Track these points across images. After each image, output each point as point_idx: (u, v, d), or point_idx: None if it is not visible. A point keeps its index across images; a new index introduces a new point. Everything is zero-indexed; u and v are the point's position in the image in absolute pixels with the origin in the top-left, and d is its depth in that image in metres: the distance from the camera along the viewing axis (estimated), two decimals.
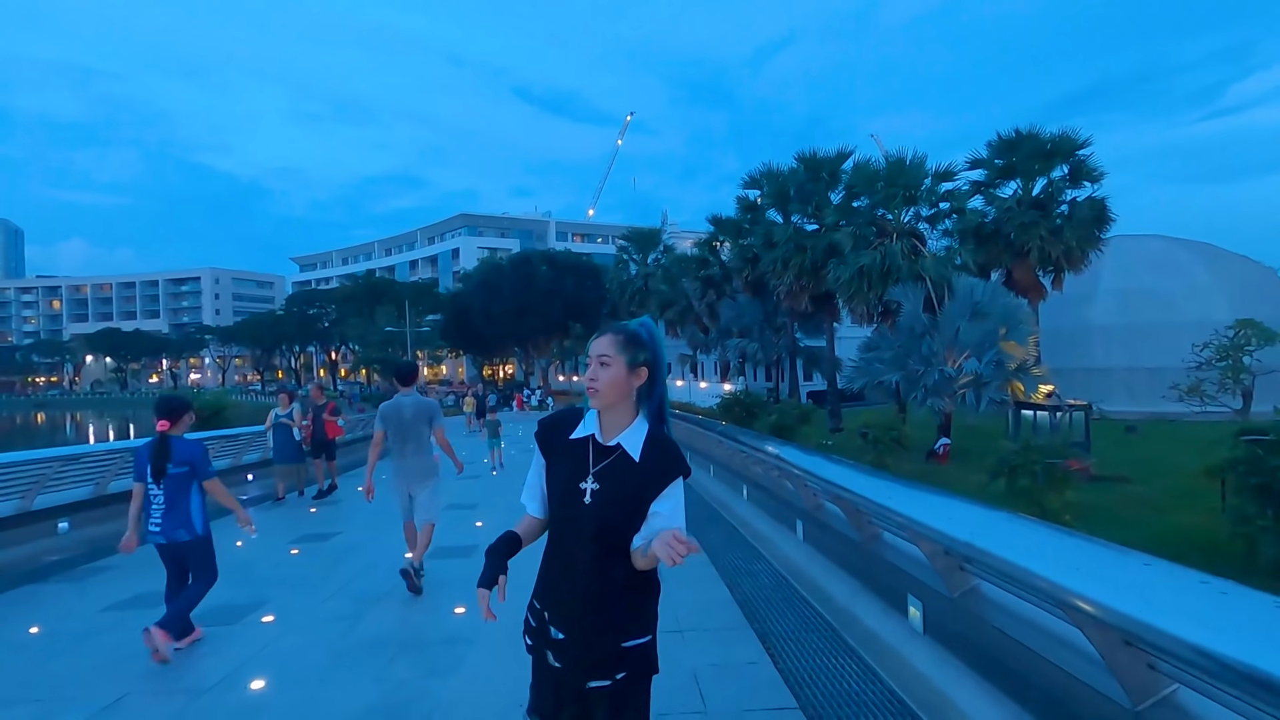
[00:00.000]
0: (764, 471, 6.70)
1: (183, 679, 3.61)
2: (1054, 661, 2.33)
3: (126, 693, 3.44)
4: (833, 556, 4.77)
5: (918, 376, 17.87)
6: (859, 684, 3.35)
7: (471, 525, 7.60)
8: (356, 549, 6.64)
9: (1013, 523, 2.75)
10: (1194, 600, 1.81)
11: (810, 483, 4.84)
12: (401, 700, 3.29)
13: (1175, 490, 11.65)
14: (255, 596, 5.04)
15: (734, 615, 4.43)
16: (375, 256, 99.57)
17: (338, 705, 3.25)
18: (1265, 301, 25.78)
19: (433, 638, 4.13)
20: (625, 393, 1.72)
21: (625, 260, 47.14)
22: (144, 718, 3.19)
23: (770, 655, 3.75)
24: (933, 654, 3.22)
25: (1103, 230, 23.61)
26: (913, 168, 22.26)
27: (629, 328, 1.77)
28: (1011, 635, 2.60)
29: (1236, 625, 1.65)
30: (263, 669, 3.71)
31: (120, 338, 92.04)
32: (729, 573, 5.39)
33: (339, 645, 4.05)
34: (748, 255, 25.74)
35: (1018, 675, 2.59)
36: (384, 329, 58.20)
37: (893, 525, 3.55)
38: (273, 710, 3.23)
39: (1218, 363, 16.13)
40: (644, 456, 1.70)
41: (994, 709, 2.65)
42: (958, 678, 2.97)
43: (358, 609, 4.72)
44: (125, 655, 3.95)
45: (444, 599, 4.87)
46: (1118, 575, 2.03)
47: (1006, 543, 2.38)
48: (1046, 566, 2.10)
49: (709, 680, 3.42)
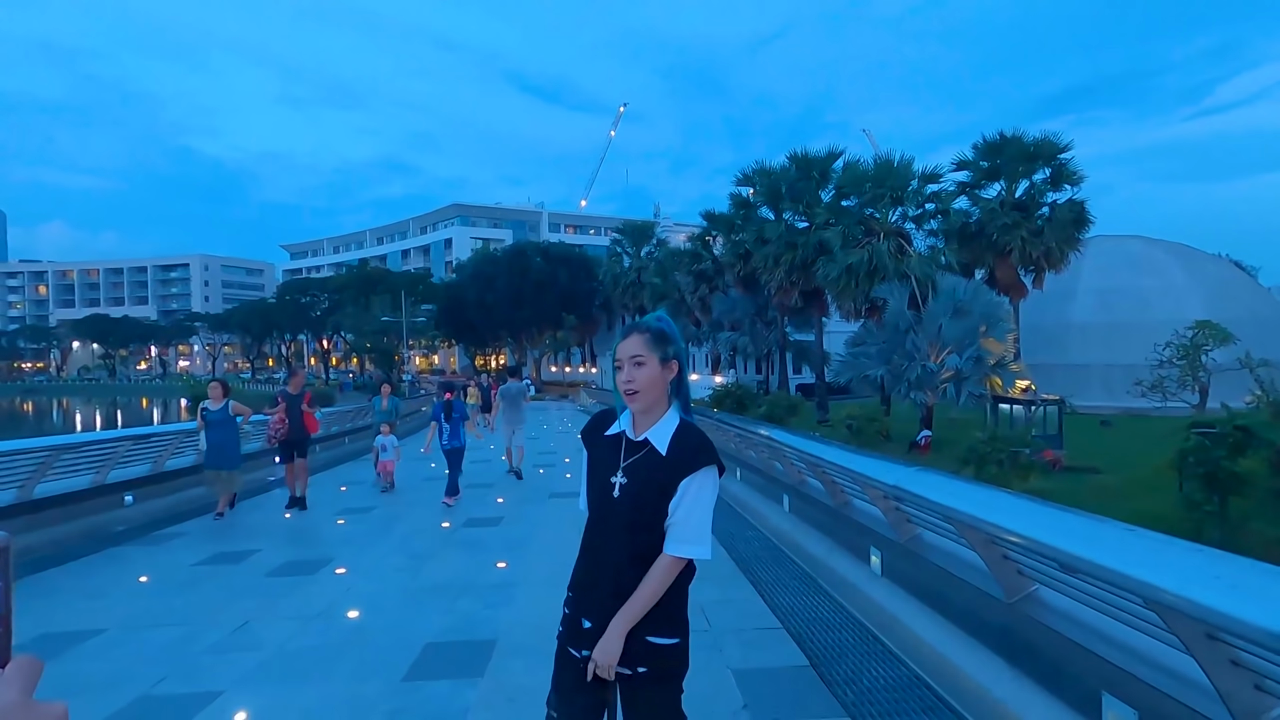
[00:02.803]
0: (756, 454, 7.61)
1: (290, 609, 4.48)
2: (963, 579, 3.24)
3: (249, 619, 4.30)
4: (813, 523, 5.69)
5: (902, 371, 18.88)
6: (830, 614, 4.27)
7: (494, 501, 8.48)
8: (397, 519, 7.51)
9: (936, 477, 3.66)
10: (1050, 520, 2.70)
11: (795, 459, 5.76)
12: (471, 623, 4.18)
13: (1140, 480, 12.65)
14: (322, 555, 5.91)
15: (731, 568, 5.35)
16: (367, 245, 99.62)
17: (421, 626, 4.13)
18: (1236, 301, 27.01)
19: (484, 583, 5.02)
20: (662, 389, 1.74)
21: (619, 253, 47.90)
22: (271, 635, 4.05)
23: (760, 595, 4.67)
24: (888, 590, 4.14)
25: (1082, 231, 24.71)
26: (900, 169, 23.22)
27: (655, 325, 1.78)
28: (940, 566, 3.51)
29: (1070, 532, 2.54)
30: (352, 603, 4.59)
31: (108, 324, 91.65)
32: (725, 538, 6.30)
33: (408, 588, 4.94)
34: (740, 251, 26.60)
35: (942, 595, 3.51)
36: (379, 318, 58.61)
37: (855, 486, 4.46)
38: (373, 629, 4.12)
39: (1178, 361, 17.20)
40: (670, 449, 1.71)
41: (926, 620, 3.58)
42: (904, 604, 3.89)
43: (415, 563, 5.60)
44: (235, 594, 4.82)
45: (486, 557, 5.76)
46: (999, 503, 2.93)
47: (926, 487, 3.30)
48: (948, 498, 3.02)
49: (712, 610, 4.34)
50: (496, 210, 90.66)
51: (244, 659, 3.71)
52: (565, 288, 51.72)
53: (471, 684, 3.35)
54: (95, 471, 7.34)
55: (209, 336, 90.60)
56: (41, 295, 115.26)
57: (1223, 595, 1.58)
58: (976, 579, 3.15)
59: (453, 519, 7.37)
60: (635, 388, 1.71)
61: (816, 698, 3.19)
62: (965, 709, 2.98)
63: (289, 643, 3.94)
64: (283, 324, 75.50)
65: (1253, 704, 1.80)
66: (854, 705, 3.09)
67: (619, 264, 47.40)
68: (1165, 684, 2.08)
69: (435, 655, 3.72)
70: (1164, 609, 1.79)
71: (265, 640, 3.97)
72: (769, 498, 7.10)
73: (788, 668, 3.53)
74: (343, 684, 3.38)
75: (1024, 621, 2.82)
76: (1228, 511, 10.71)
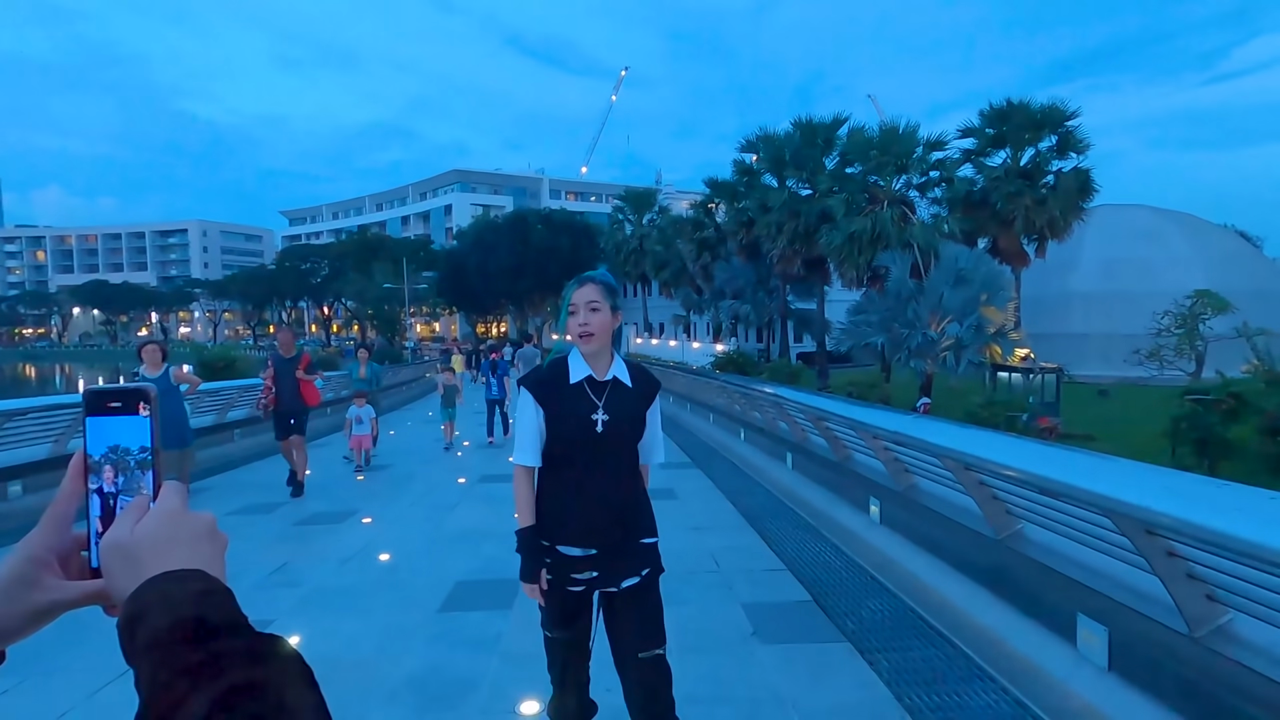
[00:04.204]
0: (761, 415, 7.87)
1: (325, 553, 4.79)
2: (956, 521, 3.51)
3: (287, 561, 4.60)
4: (815, 478, 5.97)
5: (902, 339, 19.09)
6: (831, 558, 4.57)
7: (505, 461, 8.78)
8: (413, 476, 7.82)
9: (933, 423, 3.93)
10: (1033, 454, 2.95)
11: (799, 415, 6.02)
12: (497, 565, 4.47)
13: (1135, 446, 12.95)
14: (346, 507, 6.21)
15: (738, 520, 5.65)
16: (366, 211, 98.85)
17: (451, 567, 4.43)
18: (1239, 272, 27.06)
19: (505, 531, 5.26)
20: (610, 333, 1.99)
21: (620, 221, 47.56)
22: (309, 574, 4.35)
23: (767, 542, 4.96)
24: (886, 536, 4.43)
25: (1086, 201, 24.62)
26: (905, 136, 23.05)
27: (608, 278, 2.02)
28: (935, 511, 3.78)
29: (1049, 460, 2.78)
30: (383, 548, 4.89)
31: (108, 290, 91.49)
32: (732, 494, 6.60)
33: (434, 535, 5.24)
34: (743, 219, 26.56)
35: (936, 538, 3.79)
36: (381, 285, 58.61)
37: (857, 438, 4.72)
38: (405, 570, 4.42)
39: (1176, 330, 17.40)
40: (635, 383, 2.01)
41: (921, 560, 3.86)
42: (901, 547, 4.17)
43: (437, 514, 5.90)
44: (270, 539, 5.13)
45: (504, 509, 6.04)
46: (989, 442, 3.18)
47: (924, 431, 3.56)
48: (943, 439, 3.28)
49: (722, 556, 4.63)
50: (497, 176, 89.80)
51: (288, 594, 4.01)
52: (567, 255, 51.54)
53: (502, 615, 3.64)
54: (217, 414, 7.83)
55: (209, 303, 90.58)
56: (40, 261, 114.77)
57: (1158, 498, 1.83)
58: (969, 520, 3.41)
59: (468, 475, 7.68)
60: (591, 330, 1.93)
61: (819, 625, 3.49)
62: (955, 635, 3.27)
63: (327, 581, 4.24)
64: (283, 290, 75.39)
65: (1204, 611, 2.06)
66: (854, 633, 3.38)
67: (621, 231, 47.13)
68: (1132, 602, 2.35)
69: (466, 591, 4.01)
70: (1117, 516, 2.05)
71: (305, 579, 4.27)
72: (773, 456, 7.38)
73: (793, 602, 3.82)
74: (383, 615, 3.68)
75: (1010, 556, 3.09)
76: (1218, 476, 11.02)
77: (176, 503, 0.52)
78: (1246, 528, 1.64)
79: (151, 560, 0.47)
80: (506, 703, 2.75)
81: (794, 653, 3.18)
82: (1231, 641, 1.99)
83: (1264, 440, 11.31)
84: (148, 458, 0.54)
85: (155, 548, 0.48)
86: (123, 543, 0.49)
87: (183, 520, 0.51)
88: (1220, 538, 1.71)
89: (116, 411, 0.54)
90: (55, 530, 0.53)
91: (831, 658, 3.14)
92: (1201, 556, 1.90)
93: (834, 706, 2.71)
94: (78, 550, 0.54)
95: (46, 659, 3.10)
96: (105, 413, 0.54)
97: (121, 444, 0.54)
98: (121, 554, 0.48)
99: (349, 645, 3.30)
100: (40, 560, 0.52)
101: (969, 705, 2.69)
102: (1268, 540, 1.57)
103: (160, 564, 0.47)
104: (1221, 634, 2.02)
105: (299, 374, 6.96)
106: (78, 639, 3.12)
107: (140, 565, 0.47)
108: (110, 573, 0.49)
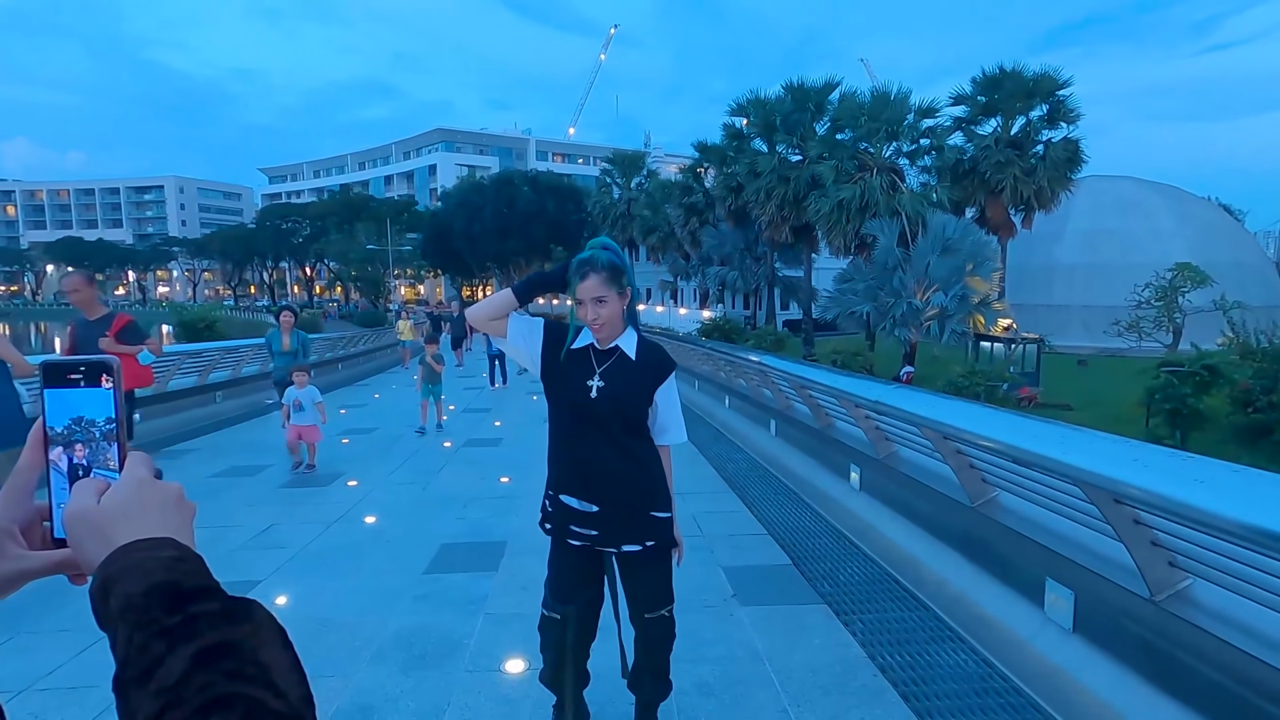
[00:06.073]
0: (746, 382, 7.93)
1: (310, 515, 4.81)
2: (934, 488, 3.60)
3: (274, 522, 4.63)
4: (798, 445, 6.06)
5: (888, 308, 19.20)
6: (811, 523, 4.67)
7: (491, 425, 8.81)
8: (399, 439, 7.81)
9: (914, 393, 3.99)
10: (1008, 425, 3.02)
11: (783, 383, 6.08)
12: (482, 528, 4.53)
13: (1111, 416, 13.26)
14: (333, 470, 6.21)
15: (721, 485, 5.74)
16: (349, 170, 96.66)
17: (436, 530, 4.48)
18: (1220, 245, 27.39)
19: (489, 495, 5.37)
20: (621, 317, 1.99)
21: (608, 184, 46.88)
22: (295, 536, 4.38)
23: (748, 507, 5.06)
24: (865, 502, 4.53)
25: (1075, 171, 24.60)
26: (897, 102, 22.79)
27: (608, 261, 1.92)
28: (913, 478, 3.87)
29: (1022, 431, 2.85)
30: (369, 510, 4.93)
31: (83, 247, 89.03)
32: (715, 460, 6.68)
33: (420, 498, 5.28)
34: (732, 184, 26.30)
35: (914, 505, 3.88)
36: (365, 246, 57.67)
37: (839, 406, 4.78)
38: (392, 532, 4.46)
39: (1155, 302, 17.65)
40: (640, 355, 2.00)
41: (899, 526, 3.97)
42: (879, 513, 4.27)
43: (423, 478, 5.93)
44: (255, 502, 5.14)
45: (489, 472, 6.11)
46: (966, 412, 3.25)
47: (905, 400, 3.62)
48: (923, 409, 3.34)
49: (704, 520, 4.72)
50: (482, 136, 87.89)
51: (274, 555, 4.04)
52: (553, 218, 50.96)
53: (488, 576, 3.71)
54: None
55: (187, 262, 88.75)
56: (10, 216, 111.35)
57: (1126, 469, 1.90)
58: (945, 488, 3.50)
59: (454, 439, 7.70)
60: (601, 323, 1.94)
61: (797, 588, 3.58)
62: (928, 598, 3.38)
63: (314, 543, 4.28)
64: (264, 250, 73.95)
65: (1165, 577, 2.15)
66: (830, 595, 3.48)
67: (608, 195, 46.48)
68: (1098, 566, 2.43)
69: (452, 553, 4.07)
70: (1087, 485, 2.11)
71: (291, 540, 4.30)
72: (757, 423, 7.46)
73: (772, 566, 3.92)
74: (370, 576, 3.73)
75: (983, 523, 3.18)
76: (1189, 446, 11.34)
77: (143, 472, 0.53)
78: (1207, 499, 1.71)
79: (122, 529, 0.48)
80: (492, 661, 2.82)
81: (772, 614, 3.28)
82: (1189, 605, 2.08)
83: (1234, 411, 11.62)
84: (113, 429, 0.54)
85: (125, 516, 0.49)
86: (90, 513, 0.49)
87: (151, 489, 0.52)
88: (1182, 507, 1.78)
89: (77, 384, 0.54)
90: (16, 501, 0.54)
91: (808, 619, 3.23)
92: (1165, 525, 1.97)
93: (809, 665, 2.80)
94: (39, 520, 0.55)
95: (33, 618, 3.12)
96: (65, 384, 0.54)
97: (86, 415, 0.54)
98: (89, 524, 0.49)
99: (336, 606, 3.35)
100: (3, 530, 0.52)
101: (938, 664, 2.80)
102: (1225, 511, 1.64)
103: (130, 533, 0.47)
104: (1180, 598, 2.11)
105: (108, 343, 4.71)
106: (65, 600, 3.14)
107: (110, 534, 0.48)
108: (79, 542, 0.49)
